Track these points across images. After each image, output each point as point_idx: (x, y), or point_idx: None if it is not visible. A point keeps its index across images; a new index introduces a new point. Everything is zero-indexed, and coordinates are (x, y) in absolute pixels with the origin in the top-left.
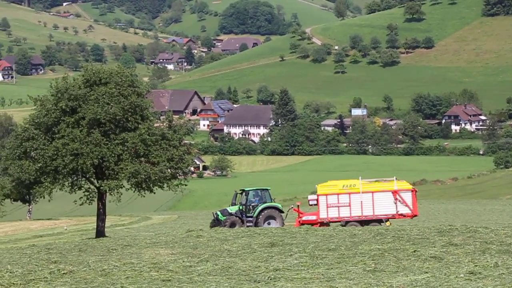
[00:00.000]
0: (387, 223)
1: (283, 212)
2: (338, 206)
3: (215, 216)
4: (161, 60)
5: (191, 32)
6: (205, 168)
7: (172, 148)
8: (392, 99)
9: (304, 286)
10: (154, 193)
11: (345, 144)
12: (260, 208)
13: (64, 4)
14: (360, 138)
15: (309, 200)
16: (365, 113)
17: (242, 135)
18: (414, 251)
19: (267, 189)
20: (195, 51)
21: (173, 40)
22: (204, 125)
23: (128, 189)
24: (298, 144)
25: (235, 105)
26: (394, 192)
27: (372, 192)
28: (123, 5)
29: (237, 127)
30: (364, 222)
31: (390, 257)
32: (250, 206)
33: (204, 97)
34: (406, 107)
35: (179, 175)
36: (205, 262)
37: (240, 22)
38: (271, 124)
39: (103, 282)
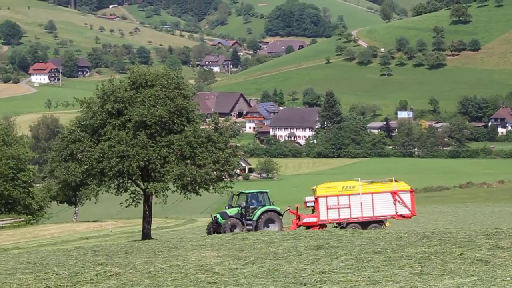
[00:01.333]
0: (387, 224)
1: (282, 215)
2: (338, 208)
3: (215, 219)
4: (207, 63)
5: (237, 34)
6: (251, 170)
7: (218, 150)
8: (438, 101)
9: None
10: (200, 195)
11: (391, 147)
12: (260, 211)
13: (110, 6)
14: (406, 141)
15: (306, 202)
16: (411, 115)
17: (288, 137)
18: (461, 254)
19: (266, 192)
20: (241, 54)
21: (219, 43)
22: (250, 127)
23: (174, 191)
24: (344, 146)
25: (281, 108)
26: (393, 193)
27: (372, 193)
28: (169, 7)
29: (283, 129)
30: (364, 224)
31: (436, 260)
32: (249, 209)
33: (250, 100)
34: (452, 109)
35: (225, 178)
36: (251, 264)
37: (286, 25)
38: (317, 127)
39: (149, 284)
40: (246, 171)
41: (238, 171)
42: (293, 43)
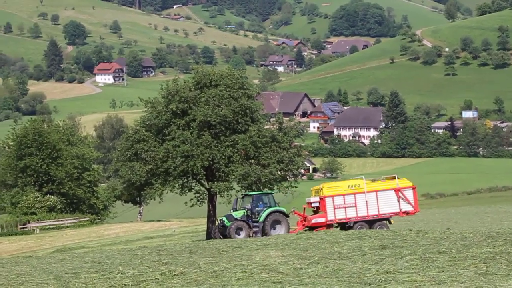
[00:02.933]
0: (391, 221)
1: (288, 216)
2: (345, 207)
3: (221, 222)
4: (271, 62)
5: (301, 34)
6: (315, 170)
7: (282, 150)
8: (503, 101)
9: None
10: None
11: (455, 147)
12: (266, 213)
13: (175, 6)
14: (470, 141)
15: (311, 203)
16: (475, 115)
17: (352, 137)
18: None
19: (271, 193)
20: (305, 53)
21: (283, 43)
22: (314, 127)
23: (238, 191)
24: (409, 146)
25: (345, 107)
26: (397, 190)
27: (376, 191)
28: (233, 7)
29: (347, 129)
30: (370, 222)
31: (501, 260)
32: (255, 211)
33: (314, 99)
34: None
35: (289, 177)
36: (315, 264)
37: (350, 24)
38: (381, 127)
39: (214, 283)
40: (310, 171)
41: (302, 170)
42: (357, 43)
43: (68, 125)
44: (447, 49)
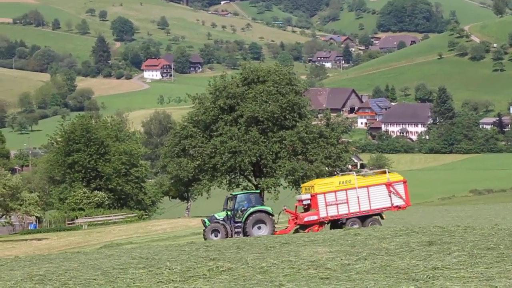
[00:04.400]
0: (383, 216)
1: (273, 215)
2: (337, 204)
3: (203, 223)
4: (318, 58)
5: (349, 30)
6: (362, 166)
7: (329, 146)
8: None
9: (463, 285)
10: None
11: (503, 143)
12: (248, 213)
13: (222, 2)
14: None
15: (302, 200)
16: None
17: (400, 133)
18: None
19: (257, 192)
20: (353, 49)
21: (331, 38)
22: (361, 123)
23: (286, 187)
24: (456, 142)
25: (392, 103)
26: (388, 185)
27: (367, 187)
28: (281, 3)
29: (395, 125)
30: (362, 218)
31: None
32: (239, 211)
33: (361, 95)
34: None
35: (337, 173)
36: (363, 260)
37: (398, 20)
38: (429, 122)
39: (261, 279)
40: (358, 167)
41: (349, 166)
42: (405, 38)
43: (115, 121)
44: (495, 45)
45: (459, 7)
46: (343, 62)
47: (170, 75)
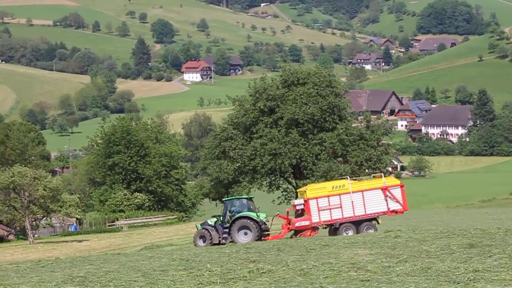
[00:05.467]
0: (379, 221)
1: (257, 221)
2: (330, 209)
3: (197, 228)
4: (358, 60)
5: (389, 32)
6: (403, 168)
7: (370, 148)
8: None
9: None
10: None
11: None
12: (233, 218)
13: (262, 5)
14: None
15: (295, 205)
16: None
17: (440, 135)
18: None
19: (246, 198)
20: (393, 51)
21: (371, 40)
22: (401, 125)
23: None
24: (497, 144)
25: (433, 106)
26: (384, 189)
27: (362, 191)
28: (321, 5)
29: (435, 127)
30: (357, 223)
31: None
32: (228, 217)
33: (401, 97)
34: None
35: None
36: (403, 262)
37: (438, 22)
38: (469, 125)
39: (302, 281)
40: (398, 169)
41: (390, 169)
42: (445, 40)
43: (156, 123)
44: None
45: (500, 9)
46: (383, 64)
47: (210, 77)
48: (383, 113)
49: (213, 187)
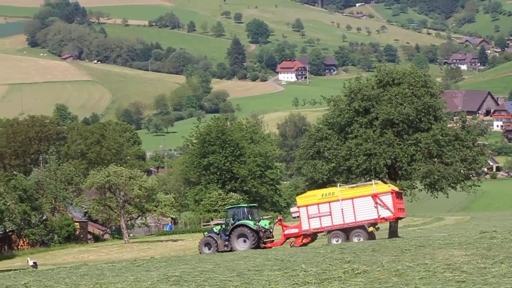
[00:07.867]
0: (371, 228)
1: (254, 230)
2: (320, 216)
3: (204, 236)
4: (454, 61)
5: (484, 32)
6: (498, 169)
7: (465, 148)
8: None
9: None
10: (447, 195)
11: None
12: (232, 226)
13: (357, 5)
14: None
15: (292, 213)
16: None
17: None
18: None
19: (249, 206)
20: (489, 52)
21: (466, 41)
22: (497, 125)
23: (421, 189)
24: None
25: None
26: (374, 196)
27: (352, 198)
28: (416, 5)
29: None
30: (347, 231)
31: None
32: (230, 225)
33: (497, 98)
34: None
35: (472, 176)
36: (499, 263)
37: None
38: None
39: (397, 282)
40: (494, 170)
41: (485, 169)
42: None
43: (251, 123)
44: None
45: None
46: (479, 64)
47: (305, 77)
48: (478, 113)
49: (308, 187)
